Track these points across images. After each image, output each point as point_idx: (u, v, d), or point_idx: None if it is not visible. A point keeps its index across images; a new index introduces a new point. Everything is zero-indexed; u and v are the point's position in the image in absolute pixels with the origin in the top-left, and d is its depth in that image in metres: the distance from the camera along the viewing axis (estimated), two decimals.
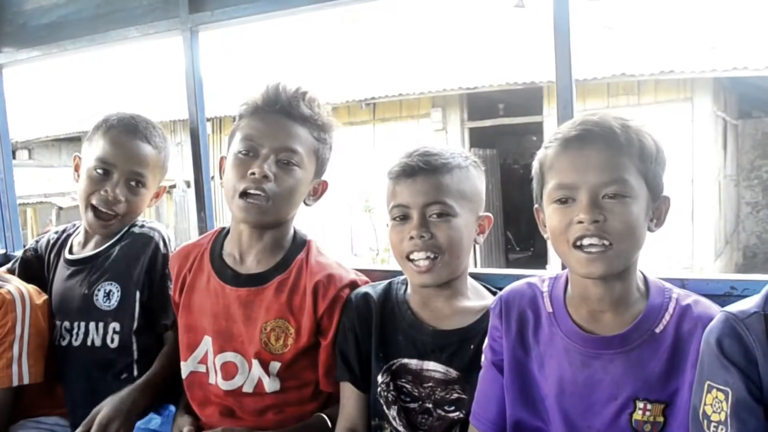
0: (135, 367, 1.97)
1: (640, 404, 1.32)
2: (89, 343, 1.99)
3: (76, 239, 2.16)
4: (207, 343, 1.79)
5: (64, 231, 2.25)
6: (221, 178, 1.79)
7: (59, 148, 16.50)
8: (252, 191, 1.69)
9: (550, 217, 1.38)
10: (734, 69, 9.33)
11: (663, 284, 1.41)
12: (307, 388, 1.76)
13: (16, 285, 2.00)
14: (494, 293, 1.66)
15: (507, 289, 1.53)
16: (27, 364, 1.93)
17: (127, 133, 2.03)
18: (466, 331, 1.60)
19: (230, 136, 1.80)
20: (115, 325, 1.98)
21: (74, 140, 15.78)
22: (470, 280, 1.70)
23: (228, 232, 1.87)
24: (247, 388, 1.73)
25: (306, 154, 1.74)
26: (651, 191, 1.35)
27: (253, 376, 1.73)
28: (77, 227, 2.20)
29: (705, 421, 1.18)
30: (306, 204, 1.83)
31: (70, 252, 2.13)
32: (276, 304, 1.73)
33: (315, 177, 1.81)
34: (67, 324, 2.03)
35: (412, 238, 1.58)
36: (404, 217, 1.60)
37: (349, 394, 1.69)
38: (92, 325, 2.00)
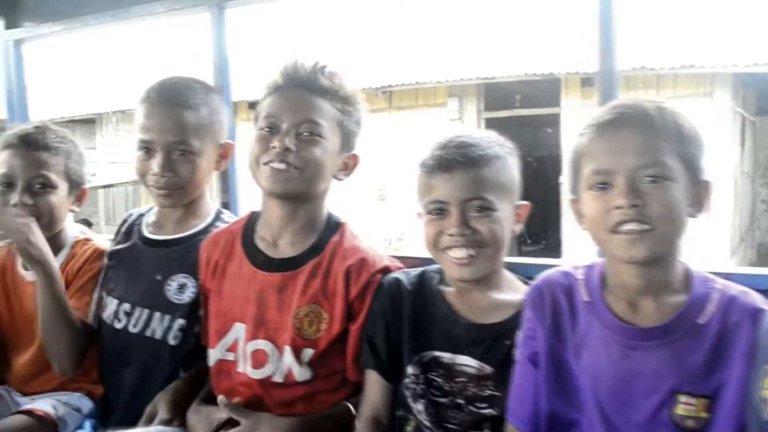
0: (181, 371, 1.89)
1: (682, 398, 1.28)
2: (149, 333, 1.90)
3: (149, 218, 2.07)
4: (238, 330, 1.74)
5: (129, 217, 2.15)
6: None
7: (73, 129, 16.53)
8: (275, 165, 1.65)
9: (587, 204, 1.34)
10: (755, 65, 9.21)
11: (706, 275, 1.37)
12: (336, 377, 1.72)
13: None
14: (528, 285, 1.61)
15: (540, 278, 1.48)
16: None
17: (161, 103, 1.92)
18: (502, 325, 1.55)
19: (255, 118, 1.77)
20: (181, 322, 1.89)
21: (88, 122, 15.78)
22: (505, 272, 1.65)
23: (258, 216, 1.82)
24: (277, 378, 1.69)
25: (329, 126, 1.70)
26: (690, 175, 1.31)
27: (284, 365, 1.68)
28: (151, 208, 2.10)
29: (764, 405, 1.16)
30: (337, 179, 1.78)
31: (151, 230, 2.03)
32: (310, 288, 1.69)
33: (343, 150, 1.76)
34: (127, 306, 1.94)
35: (452, 234, 1.52)
36: (441, 212, 1.55)
37: (373, 382, 1.65)
38: (157, 315, 1.91)
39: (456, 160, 1.53)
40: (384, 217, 11.11)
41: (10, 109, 2.75)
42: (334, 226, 1.78)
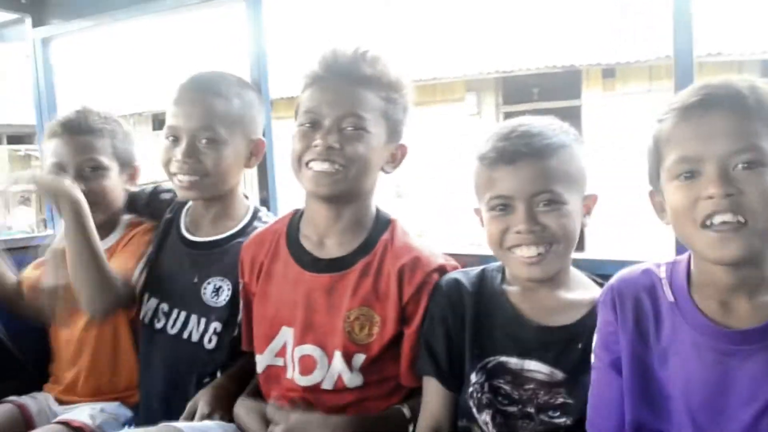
0: (219, 374, 1.83)
1: None
2: (185, 335, 1.86)
3: (187, 218, 2.00)
4: (285, 334, 1.66)
5: (175, 197, 2.07)
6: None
7: None
8: (317, 165, 1.57)
9: (671, 196, 1.21)
10: None
11: None
12: (389, 383, 1.63)
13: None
14: (599, 284, 1.51)
15: (617, 277, 1.35)
16: None
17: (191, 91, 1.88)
18: (574, 327, 1.44)
19: (295, 112, 1.67)
20: (216, 325, 1.83)
21: None
22: (573, 269, 1.54)
23: (302, 213, 1.73)
24: (326, 385, 1.61)
25: (374, 119, 1.59)
26: None
27: (333, 371, 1.60)
28: (188, 203, 2.04)
29: None
30: (385, 171, 1.68)
31: (187, 230, 1.97)
32: (360, 290, 1.60)
33: (390, 141, 1.65)
34: (165, 306, 1.90)
35: (519, 232, 1.42)
36: (506, 207, 1.44)
37: (433, 390, 1.54)
38: (194, 317, 1.86)
39: (521, 152, 1.42)
40: (402, 214, 11.01)
41: (39, 111, 2.67)
42: (384, 223, 1.69)
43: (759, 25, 9.34)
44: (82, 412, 1.92)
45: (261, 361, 1.70)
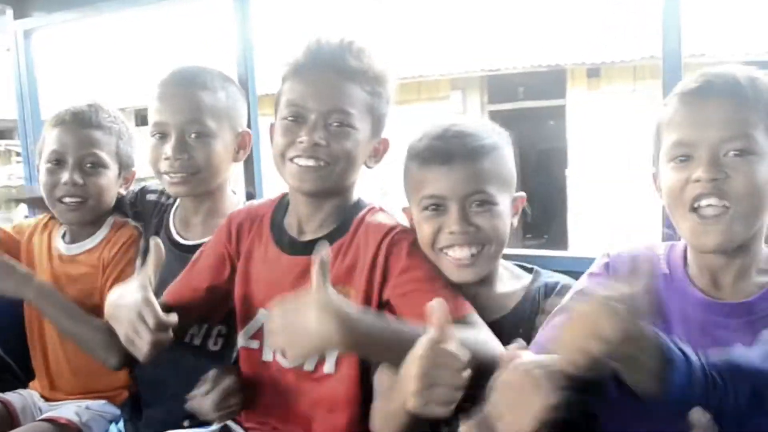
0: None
1: None
2: (187, 339, 1.79)
3: (176, 219, 1.96)
4: (263, 316, 1.62)
5: (161, 199, 2.04)
6: (272, 146, 1.62)
7: None
8: (302, 162, 1.52)
9: (665, 176, 1.26)
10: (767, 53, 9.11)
11: None
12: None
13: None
14: (528, 270, 1.55)
15: (615, 252, 1.37)
16: None
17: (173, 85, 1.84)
18: (511, 315, 1.48)
19: (276, 102, 1.62)
20: (221, 327, 1.80)
21: None
22: (502, 261, 1.55)
23: (288, 198, 1.70)
24: (308, 366, 1.56)
25: (359, 113, 1.54)
26: None
27: None
28: (174, 201, 2.00)
29: None
30: (368, 166, 1.64)
31: (177, 233, 1.93)
32: (334, 269, 1.53)
33: (373, 136, 1.61)
34: None
35: (452, 232, 1.42)
36: (438, 207, 1.44)
37: None
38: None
39: (455, 152, 1.42)
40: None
41: (21, 105, 2.63)
42: (362, 207, 1.63)
43: (743, 26, 9.44)
44: (68, 410, 1.90)
45: (238, 342, 1.68)
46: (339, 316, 1.23)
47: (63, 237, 2.05)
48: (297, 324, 1.26)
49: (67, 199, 1.96)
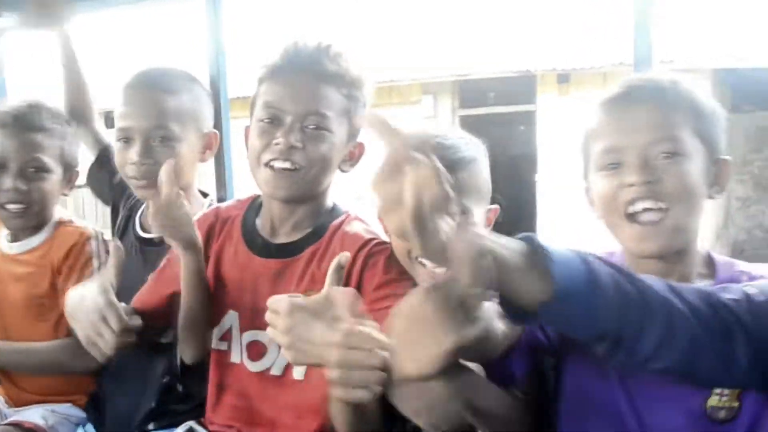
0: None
1: (717, 389, 1.18)
2: (164, 340, 1.79)
3: (143, 216, 1.95)
4: (231, 318, 1.62)
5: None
6: (247, 149, 1.62)
7: None
8: (278, 164, 1.52)
9: (596, 186, 1.27)
10: (732, 60, 9.30)
11: (727, 259, 1.30)
12: None
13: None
14: None
15: None
16: None
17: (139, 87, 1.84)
18: None
19: (252, 104, 1.62)
20: None
21: None
22: None
23: (261, 200, 1.70)
24: (275, 371, 1.56)
25: (336, 116, 1.55)
26: (708, 152, 1.24)
27: (282, 357, 1.54)
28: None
29: None
30: (342, 170, 1.65)
31: (142, 228, 1.92)
32: (307, 276, 1.55)
33: (349, 140, 1.62)
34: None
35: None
36: None
37: None
38: None
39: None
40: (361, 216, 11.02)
41: None
42: (337, 213, 1.64)
43: (711, 34, 9.62)
44: (34, 414, 1.88)
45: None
46: None
47: (6, 236, 2.00)
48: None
49: (10, 206, 1.89)
